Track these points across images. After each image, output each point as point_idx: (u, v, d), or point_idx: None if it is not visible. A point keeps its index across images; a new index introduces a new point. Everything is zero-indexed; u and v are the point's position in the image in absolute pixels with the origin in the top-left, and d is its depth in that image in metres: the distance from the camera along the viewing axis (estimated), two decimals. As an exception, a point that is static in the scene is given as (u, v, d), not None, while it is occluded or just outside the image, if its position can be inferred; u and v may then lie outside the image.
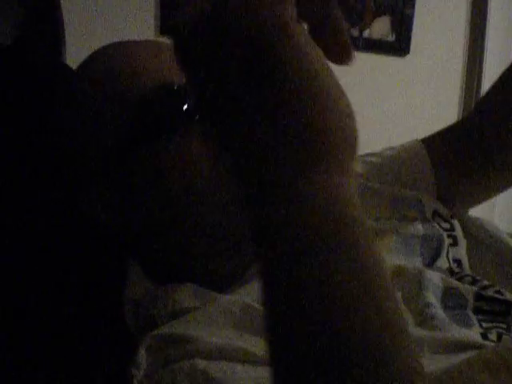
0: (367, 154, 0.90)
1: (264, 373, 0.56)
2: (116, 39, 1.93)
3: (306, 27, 0.39)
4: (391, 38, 2.14)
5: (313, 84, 0.36)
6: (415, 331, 0.61)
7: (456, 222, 0.80)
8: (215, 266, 0.70)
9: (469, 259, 0.78)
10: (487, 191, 0.85)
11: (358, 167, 0.87)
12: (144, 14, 2.00)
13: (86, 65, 0.73)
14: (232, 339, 0.59)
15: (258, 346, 0.58)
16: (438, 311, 0.64)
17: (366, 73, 2.13)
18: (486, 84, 2.16)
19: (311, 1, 0.37)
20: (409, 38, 2.14)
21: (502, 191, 0.83)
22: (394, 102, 2.14)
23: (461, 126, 0.86)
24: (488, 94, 0.81)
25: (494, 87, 0.79)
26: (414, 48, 2.15)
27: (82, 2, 1.90)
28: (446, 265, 0.73)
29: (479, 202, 0.86)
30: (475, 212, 0.91)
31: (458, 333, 0.61)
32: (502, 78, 0.77)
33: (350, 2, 0.40)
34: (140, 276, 0.74)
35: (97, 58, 0.72)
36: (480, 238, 0.81)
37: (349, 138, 0.37)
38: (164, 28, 1.88)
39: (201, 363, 0.57)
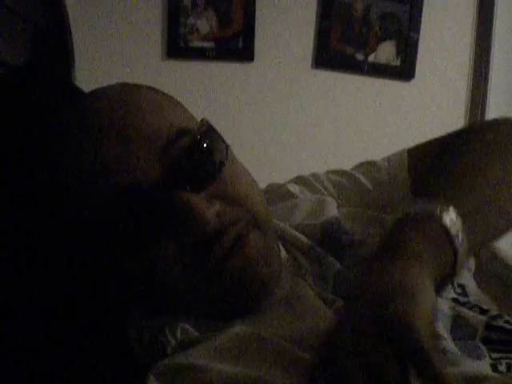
0: (358, 169, 0.90)
1: None
2: (124, 62, 1.95)
3: None
4: (396, 62, 2.15)
5: None
6: None
7: None
8: (215, 304, 0.69)
9: (477, 284, 0.77)
10: None
11: (352, 184, 0.87)
12: (151, 38, 2.01)
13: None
14: (245, 368, 0.59)
15: (269, 374, 0.58)
16: (449, 344, 0.63)
17: (371, 97, 2.14)
18: (491, 109, 2.17)
19: None
20: (414, 63, 2.15)
21: None
22: (399, 126, 2.14)
23: (445, 139, 0.86)
24: None
25: None
26: (419, 73, 2.16)
27: (91, 25, 1.92)
28: (452, 294, 0.73)
29: None
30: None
31: (470, 366, 0.60)
32: None
33: (355, 27, 0.41)
34: (143, 303, 0.74)
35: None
36: (484, 262, 0.81)
37: None
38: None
39: None
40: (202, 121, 0.72)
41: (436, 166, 0.76)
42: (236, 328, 0.64)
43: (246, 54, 2.06)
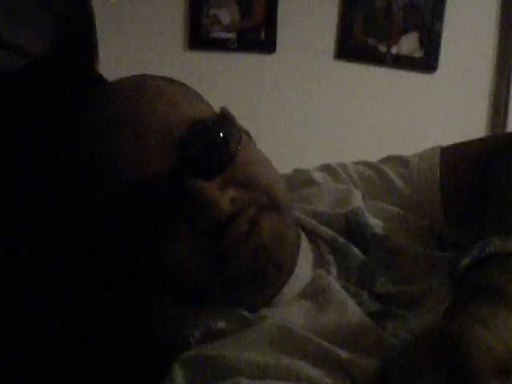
0: (387, 163, 0.87)
1: None
2: (146, 53, 1.95)
3: None
4: (419, 54, 2.13)
5: None
6: None
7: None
8: (238, 293, 0.69)
9: None
10: None
11: (380, 179, 0.85)
12: (173, 29, 2.02)
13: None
14: (272, 359, 0.59)
15: (298, 365, 0.58)
16: None
17: (394, 89, 2.12)
18: (515, 102, 2.15)
19: None
20: (437, 55, 2.14)
21: None
22: (422, 118, 2.13)
23: (479, 144, 0.83)
24: None
25: None
26: (442, 64, 2.14)
27: (114, 16, 1.92)
28: None
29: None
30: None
31: None
32: None
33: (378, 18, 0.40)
34: (164, 294, 0.74)
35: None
36: None
37: None
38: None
39: (244, 381, 0.57)
40: (220, 109, 0.72)
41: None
42: (263, 321, 0.64)
43: (268, 45, 2.06)
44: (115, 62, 1.55)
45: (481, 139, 0.84)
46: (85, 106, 0.71)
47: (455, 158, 0.83)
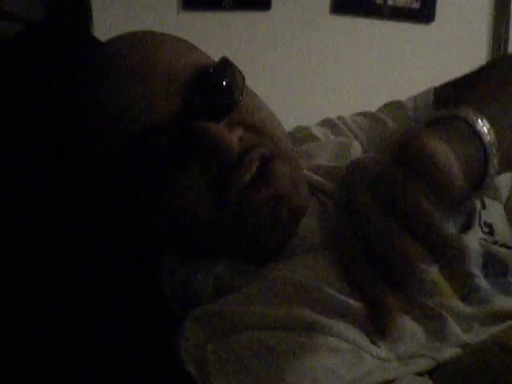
0: (384, 110, 0.88)
1: (317, 340, 0.57)
2: (140, 14, 1.93)
3: None
4: (416, 5, 2.11)
5: None
6: (462, 307, 0.61)
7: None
8: (248, 245, 0.70)
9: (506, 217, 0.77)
10: None
11: (379, 127, 0.86)
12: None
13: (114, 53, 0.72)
14: (283, 311, 0.60)
15: (308, 315, 0.59)
16: (482, 282, 0.64)
17: (391, 41, 2.10)
18: (513, 51, 2.13)
19: None
20: (434, 6, 2.11)
21: None
22: (419, 70, 2.12)
23: (472, 73, 0.85)
24: None
25: None
26: (440, 15, 2.12)
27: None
28: (479, 232, 0.73)
29: None
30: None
31: (504, 302, 0.61)
32: None
33: None
34: (175, 247, 0.75)
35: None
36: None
37: None
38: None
39: (256, 333, 0.58)
40: (222, 57, 0.72)
41: (464, 90, 0.73)
42: (272, 273, 0.65)
43: (262, 2, 2.03)
44: (109, 24, 1.54)
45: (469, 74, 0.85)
46: (93, 62, 0.72)
47: (445, 88, 0.87)
